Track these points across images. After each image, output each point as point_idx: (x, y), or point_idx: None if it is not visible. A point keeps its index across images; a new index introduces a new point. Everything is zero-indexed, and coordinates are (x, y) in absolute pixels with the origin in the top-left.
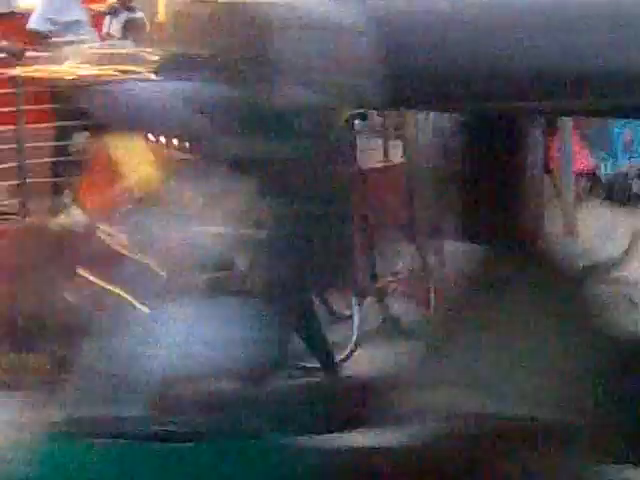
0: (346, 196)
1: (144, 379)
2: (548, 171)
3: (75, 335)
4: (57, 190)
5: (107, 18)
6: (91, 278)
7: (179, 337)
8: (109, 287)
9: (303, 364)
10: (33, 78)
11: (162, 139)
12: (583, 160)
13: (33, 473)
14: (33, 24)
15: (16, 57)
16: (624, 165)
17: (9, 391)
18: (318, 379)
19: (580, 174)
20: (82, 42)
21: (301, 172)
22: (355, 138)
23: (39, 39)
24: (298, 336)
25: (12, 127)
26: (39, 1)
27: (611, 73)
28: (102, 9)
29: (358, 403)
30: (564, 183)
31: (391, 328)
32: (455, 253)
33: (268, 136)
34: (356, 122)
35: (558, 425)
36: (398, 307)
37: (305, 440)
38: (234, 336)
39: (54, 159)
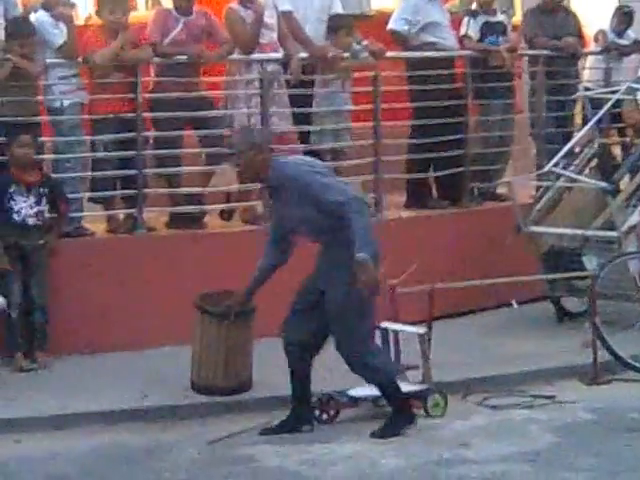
0: None
1: None
2: None
3: None
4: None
5: (465, 19)
6: None
7: None
8: None
9: None
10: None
11: None
12: None
13: None
14: (392, 24)
15: (376, 56)
16: None
17: None
18: None
19: None
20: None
21: None
22: None
23: (397, 39)
24: None
25: (370, 124)
26: (399, 2)
27: None
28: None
29: None
30: None
31: None
32: None
33: None
34: None
35: None
36: None
37: None
38: None
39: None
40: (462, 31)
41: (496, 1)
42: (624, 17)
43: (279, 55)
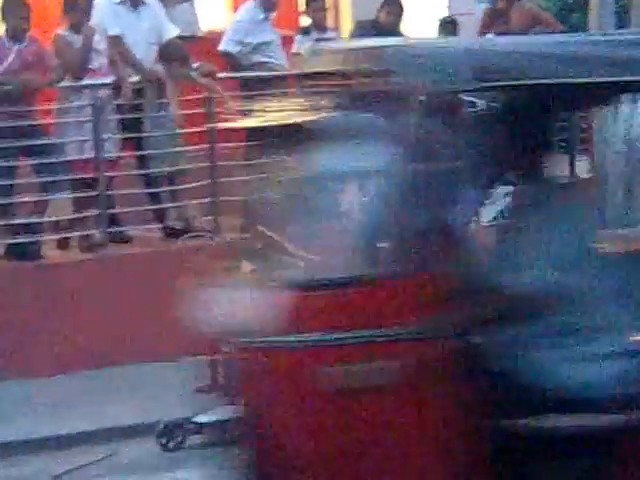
0: None
1: None
2: None
3: None
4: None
5: (298, 37)
6: None
7: None
8: None
9: None
10: None
11: None
12: None
13: None
14: (223, 46)
15: (211, 76)
16: None
17: None
18: None
19: None
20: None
21: None
22: None
23: (229, 60)
24: None
25: (205, 146)
26: (229, 24)
27: None
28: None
29: None
30: None
31: None
32: None
33: None
34: None
35: None
36: None
37: None
38: None
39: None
40: (294, 49)
41: (328, 18)
42: (448, 26)
43: (109, 80)
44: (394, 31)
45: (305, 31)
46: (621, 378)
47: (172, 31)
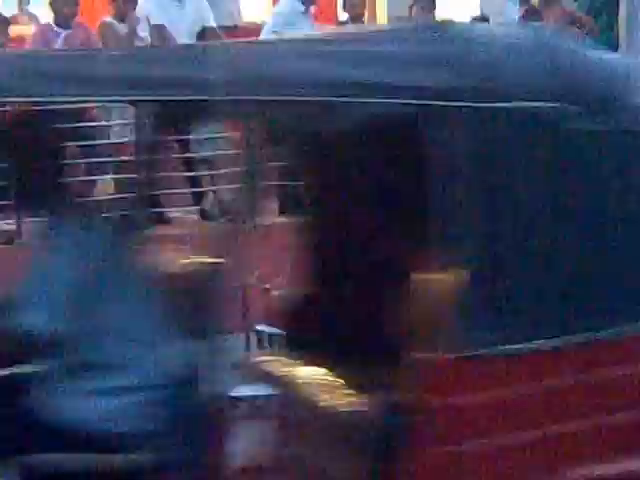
0: None
1: None
2: None
3: None
4: None
5: None
6: None
7: None
8: None
9: None
10: None
11: None
12: None
13: None
14: (263, 36)
15: None
16: None
17: None
18: None
19: None
20: None
21: None
22: None
23: None
24: None
25: None
26: (270, 16)
27: None
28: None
29: None
30: None
31: None
32: None
33: None
34: None
35: None
36: None
37: None
38: None
39: None
40: None
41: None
42: None
43: None
44: None
45: (343, 25)
46: (131, 414)
47: (210, 20)
